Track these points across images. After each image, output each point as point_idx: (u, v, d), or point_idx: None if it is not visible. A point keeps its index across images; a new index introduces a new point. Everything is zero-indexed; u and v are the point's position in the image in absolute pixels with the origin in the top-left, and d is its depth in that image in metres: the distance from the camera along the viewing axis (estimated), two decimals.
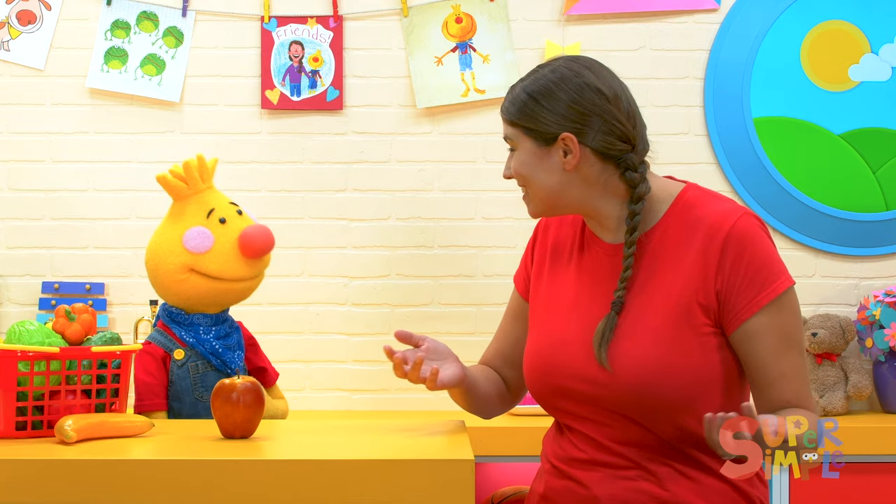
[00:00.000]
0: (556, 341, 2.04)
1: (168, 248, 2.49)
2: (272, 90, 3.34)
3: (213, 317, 2.52)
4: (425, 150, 3.36)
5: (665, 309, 1.96)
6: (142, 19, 3.34)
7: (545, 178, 2.01)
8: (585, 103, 1.98)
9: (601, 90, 1.99)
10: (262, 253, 2.50)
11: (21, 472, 1.70)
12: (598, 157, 1.99)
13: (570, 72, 2.00)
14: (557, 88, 1.99)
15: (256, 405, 1.94)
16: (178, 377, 2.46)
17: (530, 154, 2.01)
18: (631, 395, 1.95)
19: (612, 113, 1.98)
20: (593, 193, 2.01)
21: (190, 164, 2.53)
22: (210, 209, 2.51)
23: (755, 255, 1.95)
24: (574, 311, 2.05)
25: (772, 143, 3.35)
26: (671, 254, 1.99)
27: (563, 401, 2.03)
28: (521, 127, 2.01)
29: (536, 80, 2.01)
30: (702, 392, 1.95)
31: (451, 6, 3.35)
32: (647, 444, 1.98)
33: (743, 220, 1.96)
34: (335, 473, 1.69)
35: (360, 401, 3.34)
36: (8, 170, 3.34)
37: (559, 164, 1.99)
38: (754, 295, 1.94)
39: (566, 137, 1.97)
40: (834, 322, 3.24)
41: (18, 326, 2.05)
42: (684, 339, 1.95)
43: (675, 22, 3.38)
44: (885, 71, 3.36)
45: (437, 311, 3.34)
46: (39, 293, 3.30)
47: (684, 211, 2.00)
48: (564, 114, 1.97)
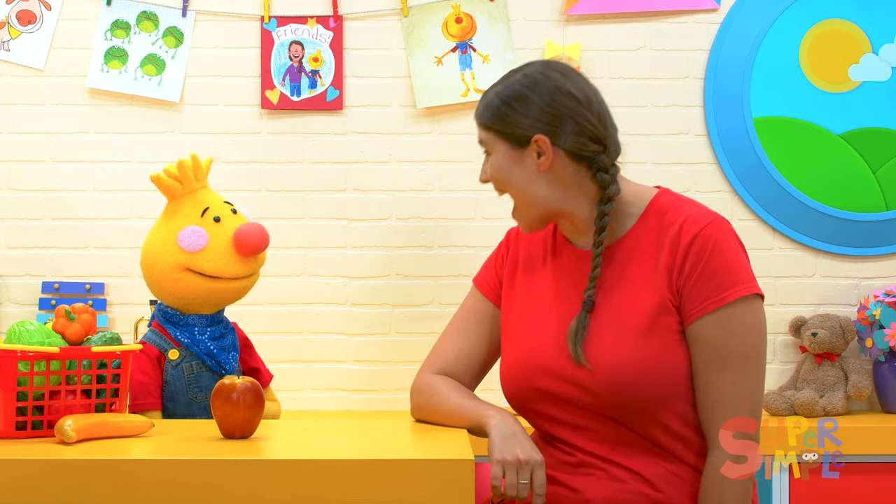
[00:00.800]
0: (535, 345, 2.05)
1: (163, 248, 2.49)
2: (272, 90, 3.34)
3: (208, 317, 2.51)
4: (425, 150, 3.36)
5: (639, 308, 1.97)
6: (142, 19, 3.34)
7: (520, 180, 2.03)
8: (558, 106, 2.00)
9: (573, 93, 2.01)
10: (257, 251, 2.50)
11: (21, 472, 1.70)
12: (570, 159, 2.01)
13: (543, 76, 2.02)
14: (530, 92, 2.01)
15: (256, 405, 1.94)
16: (173, 377, 2.45)
17: (505, 157, 2.03)
18: (610, 393, 1.95)
19: (583, 115, 2.00)
20: (567, 195, 2.03)
21: (184, 164, 2.53)
22: (204, 208, 2.51)
23: (714, 259, 1.95)
24: (551, 315, 2.06)
25: (772, 143, 3.35)
26: (644, 257, 2.00)
27: (545, 405, 2.03)
28: (494, 131, 2.04)
29: (509, 86, 2.04)
30: (677, 389, 1.96)
31: (451, 6, 3.35)
32: (634, 444, 1.98)
33: (712, 225, 1.98)
34: (335, 473, 1.69)
35: (360, 401, 3.34)
36: (8, 170, 3.34)
37: (533, 166, 2.01)
38: (704, 298, 1.95)
39: (539, 139, 1.99)
40: (834, 322, 3.24)
41: (18, 326, 2.05)
42: (658, 338, 1.96)
43: (675, 22, 3.38)
44: (885, 71, 3.36)
45: (437, 311, 3.34)
46: (39, 293, 3.30)
47: (657, 216, 2.02)
48: (537, 116, 2.00)
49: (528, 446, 1.91)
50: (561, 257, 2.09)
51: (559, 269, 2.09)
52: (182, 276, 2.47)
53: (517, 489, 1.89)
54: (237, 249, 2.48)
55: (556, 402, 2.02)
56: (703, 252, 1.95)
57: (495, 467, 1.90)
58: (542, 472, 1.90)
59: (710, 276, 1.95)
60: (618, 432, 1.98)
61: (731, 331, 1.94)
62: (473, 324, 2.18)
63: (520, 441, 1.92)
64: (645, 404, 1.95)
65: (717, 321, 1.94)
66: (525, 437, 1.93)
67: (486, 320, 2.17)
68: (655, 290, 1.97)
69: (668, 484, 1.97)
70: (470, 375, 2.17)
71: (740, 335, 1.94)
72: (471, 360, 2.16)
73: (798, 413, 3.13)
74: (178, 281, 2.47)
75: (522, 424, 1.99)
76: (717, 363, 1.94)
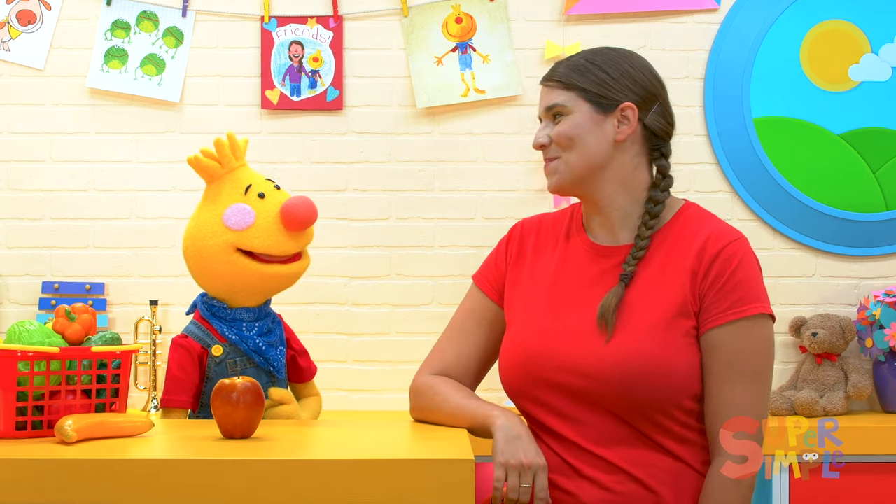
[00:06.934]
0: (542, 333, 2.04)
1: (209, 231, 2.36)
2: (272, 90, 3.34)
3: (255, 311, 2.40)
4: (425, 150, 3.36)
5: (659, 306, 1.98)
6: (142, 19, 3.34)
7: (593, 145, 2.04)
8: (650, 83, 2.07)
9: (657, 76, 2.09)
10: (306, 224, 2.37)
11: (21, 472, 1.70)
12: (644, 138, 2.06)
13: (633, 55, 2.10)
14: (623, 62, 2.07)
15: (256, 405, 1.94)
16: (216, 374, 2.35)
17: (586, 118, 2.05)
18: (616, 382, 1.95)
19: (666, 99, 2.09)
20: (621, 178, 2.06)
21: (221, 143, 2.41)
22: (247, 185, 2.39)
23: (738, 273, 1.98)
24: (559, 307, 2.06)
25: (772, 143, 3.35)
26: (670, 259, 2.02)
27: (546, 393, 2.02)
28: (581, 90, 2.05)
29: (600, 54, 2.08)
30: (681, 391, 1.97)
31: (451, 6, 3.35)
32: (632, 443, 1.98)
33: (740, 242, 2.02)
34: (335, 473, 1.69)
35: (360, 401, 3.34)
36: (8, 170, 3.34)
37: (612, 133, 2.04)
38: (725, 308, 1.97)
39: (629, 107, 2.04)
40: (834, 322, 3.24)
41: (18, 326, 2.05)
42: (672, 337, 1.97)
43: (675, 22, 3.38)
44: (885, 71, 3.36)
45: (437, 311, 3.34)
46: (39, 293, 3.30)
47: (686, 223, 2.05)
48: (630, 86, 2.05)
49: (532, 450, 1.91)
50: (575, 250, 2.10)
51: (570, 260, 2.09)
52: (235, 259, 2.35)
53: (518, 493, 1.89)
54: (285, 224, 2.36)
55: (557, 391, 2.01)
56: (730, 264, 1.98)
57: (498, 470, 1.90)
58: (545, 476, 1.90)
59: (733, 287, 1.97)
60: (616, 430, 1.98)
61: (747, 344, 1.96)
62: (472, 325, 2.18)
63: (524, 444, 1.92)
64: (647, 400, 1.95)
65: (735, 332, 1.96)
66: (530, 441, 1.93)
67: (485, 321, 2.17)
68: (678, 292, 1.99)
69: (666, 485, 1.97)
70: (469, 378, 2.16)
71: (754, 349, 1.96)
72: (470, 363, 2.16)
73: (798, 413, 3.13)
74: (231, 264, 2.35)
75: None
76: (730, 373, 1.95)
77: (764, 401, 1.97)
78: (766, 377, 1.98)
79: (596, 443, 1.99)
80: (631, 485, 1.97)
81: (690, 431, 1.99)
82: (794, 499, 2.92)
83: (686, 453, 1.98)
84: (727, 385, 1.95)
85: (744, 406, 1.94)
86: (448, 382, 2.12)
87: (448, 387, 2.11)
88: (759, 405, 1.96)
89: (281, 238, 2.36)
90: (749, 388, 1.95)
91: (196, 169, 2.41)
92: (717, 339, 1.96)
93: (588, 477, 1.98)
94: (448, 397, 2.08)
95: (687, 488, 1.98)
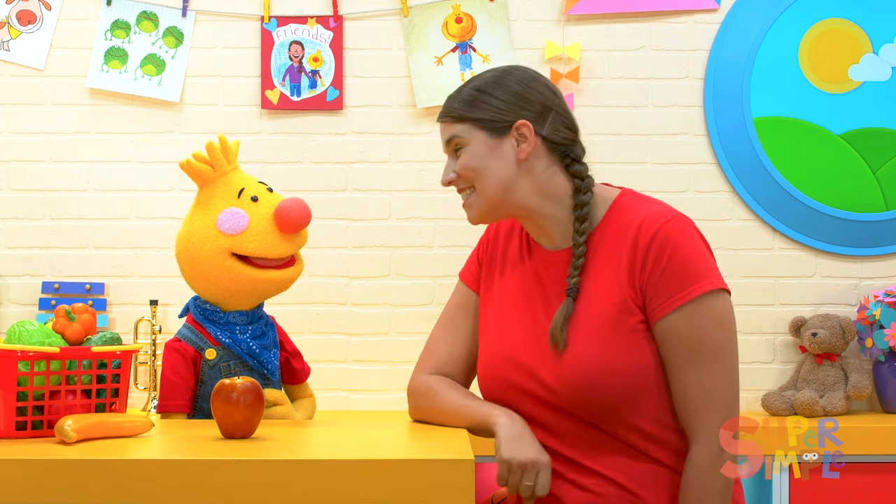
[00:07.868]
0: (508, 339, 2.06)
1: (202, 235, 2.36)
2: (272, 90, 3.34)
3: (248, 314, 2.40)
4: (425, 150, 3.36)
5: (604, 310, 1.97)
6: (142, 19, 3.34)
7: (497, 169, 2.02)
8: (537, 93, 2.03)
9: (548, 84, 2.06)
10: (300, 226, 2.37)
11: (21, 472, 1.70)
12: (547, 150, 2.03)
13: (515, 68, 2.07)
14: (507, 79, 2.04)
15: (256, 405, 1.94)
16: (210, 377, 2.35)
17: (483, 146, 2.03)
18: (570, 393, 1.96)
19: (559, 104, 2.05)
20: (538, 190, 2.03)
21: (213, 146, 2.41)
22: (240, 189, 2.39)
23: (675, 256, 1.94)
24: (522, 312, 2.06)
25: (772, 143, 3.35)
26: (607, 257, 2.00)
27: (520, 400, 2.03)
28: (472, 120, 2.03)
29: (481, 79, 2.06)
30: (646, 390, 1.96)
31: (451, 6, 3.35)
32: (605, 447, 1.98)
33: (671, 223, 1.97)
34: (335, 473, 1.69)
35: (360, 401, 3.34)
36: (8, 170, 3.34)
37: (512, 154, 2.02)
38: (670, 295, 1.94)
39: (523, 125, 2.01)
40: (834, 322, 3.24)
41: (18, 326, 2.05)
42: (622, 338, 1.96)
43: (675, 22, 3.38)
44: (885, 71, 3.36)
45: (437, 310, 3.31)
46: (39, 293, 3.30)
47: (618, 216, 2.02)
48: (516, 102, 2.02)
49: (535, 448, 1.91)
50: (532, 260, 2.10)
51: (530, 269, 2.09)
52: (229, 264, 2.35)
53: (521, 490, 1.89)
54: (279, 226, 2.36)
55: (529, 398, 2.02)
56: (664, 250, 1.95)
57: (501, 468, 1.90)
58: (548, 473, 1.90)
59: (672, 273, 1.94)
60: (588, 434, 1.98)
61: (700, 325, 1.93)
62: (461, 321, 2.18)
63: (527, 442, 1.92)
64: (611, 405, 1.95)
65: (685, 317, 1.93)
66: (532, 439, 1.93)
67: (472, 315, 2.18)
68: (617, 291, 1.97)
69: (644, 487, 1.96)
70: (463, 373, 2.17)
71: (709, 329, 1.93)
72: (463, 358, 2.17)
73: (798, 413, 3.13)
74: (226, 269, 2.35)
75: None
76: (689, 359, 1.93)
77: (731, 376, 1.94)
78: (729, 352, 1.94)
79: (572, 447, 1.99)
80: (610, 487, 1.97)
81: (665, 430, 1.97)
82: (794, 499, 2.92)
83: (662, 454, 1.97)
84: (690, 371, 1.93)
85: (711, 387, 1.92)
86: (446, 382, 2.13)
87: (447, 386, 2.11)
88: (727, 382, 1.93)
89: (275, 241, 2.36)
90: (712, 369, 1.92)
91: (188, 173, 2.41)
92: (669, 327, 1.94)
93: (570, 480, 1.99)
94: (448, 397, 2.08)
95: (665, 489, 1.97)
